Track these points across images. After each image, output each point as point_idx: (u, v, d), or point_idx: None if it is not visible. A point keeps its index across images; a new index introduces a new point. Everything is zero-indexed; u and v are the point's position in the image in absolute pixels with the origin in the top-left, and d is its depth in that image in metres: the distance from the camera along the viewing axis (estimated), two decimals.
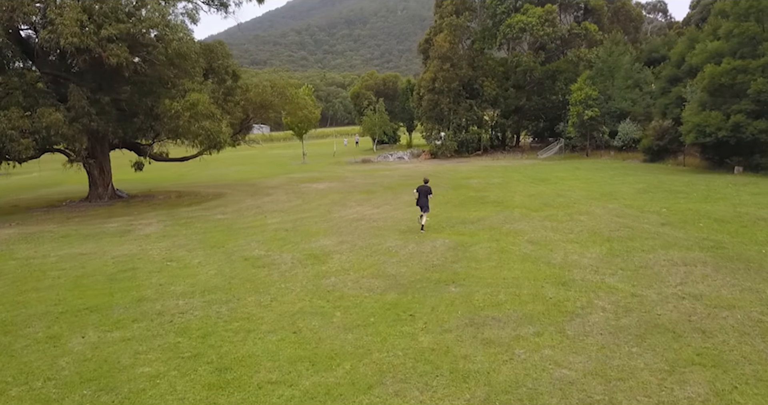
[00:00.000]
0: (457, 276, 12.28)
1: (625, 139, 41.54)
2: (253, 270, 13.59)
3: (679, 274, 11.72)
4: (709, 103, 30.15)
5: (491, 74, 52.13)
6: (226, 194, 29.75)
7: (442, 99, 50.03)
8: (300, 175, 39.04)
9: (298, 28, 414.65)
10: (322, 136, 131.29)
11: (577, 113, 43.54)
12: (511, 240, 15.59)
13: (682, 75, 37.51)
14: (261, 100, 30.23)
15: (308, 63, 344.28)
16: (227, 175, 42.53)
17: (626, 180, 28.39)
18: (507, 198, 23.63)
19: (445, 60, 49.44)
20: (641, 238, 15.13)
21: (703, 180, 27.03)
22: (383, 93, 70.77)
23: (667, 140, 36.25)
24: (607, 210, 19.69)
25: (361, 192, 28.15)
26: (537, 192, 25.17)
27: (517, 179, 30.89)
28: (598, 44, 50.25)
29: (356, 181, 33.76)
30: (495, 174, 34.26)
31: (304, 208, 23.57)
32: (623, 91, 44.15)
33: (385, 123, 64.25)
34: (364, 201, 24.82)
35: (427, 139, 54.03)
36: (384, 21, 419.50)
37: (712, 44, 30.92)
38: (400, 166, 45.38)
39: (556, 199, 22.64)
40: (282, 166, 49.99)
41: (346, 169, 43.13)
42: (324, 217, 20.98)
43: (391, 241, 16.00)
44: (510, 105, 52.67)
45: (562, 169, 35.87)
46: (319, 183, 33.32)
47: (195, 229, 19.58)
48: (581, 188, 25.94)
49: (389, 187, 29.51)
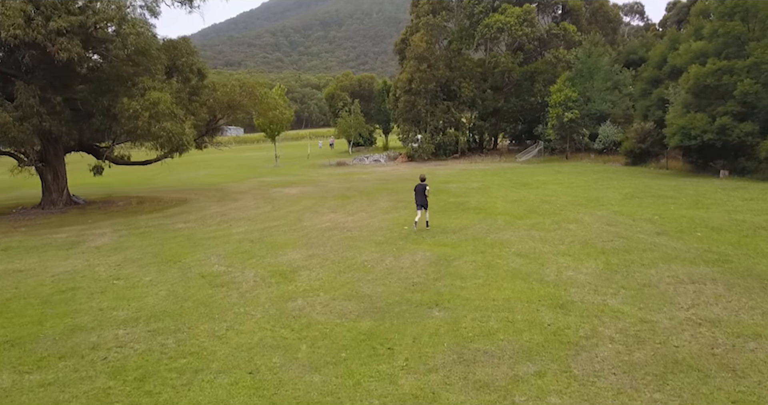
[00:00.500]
0: (441, 297, 10.87)
1: (605, 141, 40.70)
2: (209, 290, 12.00)
3: (689, 294, 10.46)
4: (693, 105, 29.32)
5: (469, 75, 51.03)
6: (191, 200, 27.98)
7: (419, 100, 48.74)
8: (271, 179, 37.36)
9: (273, 29, 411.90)
10: (296, 138, 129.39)
11: (557, 115, 42.62)
12: (497, 252, 14.24)
13: (664, 76, 36.79)
14: (229, 100, 28.51)
15: (283, 64, 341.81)
16: (195, 179, 40.64)
17: (611, 184, 27.35)
18: (489, 204, 22.34)
19: (421, 60, 48.16)
20: (638, 249, 13.90)
21: (690, 184, 26.10)
22: (359, 94, 69.28)
23: (649, 143, 35.44)
24: (596, 217, 18.49)
25: (335, 197, 26.64)
26: (520, 197, 23.93)
27: (497, 183, 29.67)
28: (577, 45, 49.49)
29: (330, 185, 32.23)
30: (474, 178, 33.03)
31: (273, 215, 21.96)
32: (603, 92, 43.37)
33: (361, 125, 62.76)
34: (338, 207, 23.31)
35: (403, 142, 52.71)
36: (359, 23, 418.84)
37: (696, 44, 30.11)
38: (376, 169, 43.95)
39: (540, 206, 21.41)
40: (253, 169, 48.19)
41: (320, 173, 41.56)
42: (294, 225, 19.42)
43: (367, 254, 14.53)
44: (488, 107, 51.64)
45: (543, 172, 34.79)
46: (291, 187, 31.72)
47: (152, 240, 17.87)
48: (565, 193, 24.78)
49: (365, 193, 28.05)
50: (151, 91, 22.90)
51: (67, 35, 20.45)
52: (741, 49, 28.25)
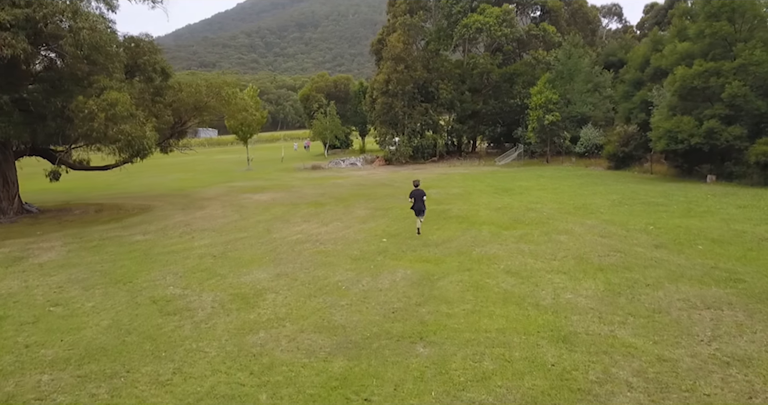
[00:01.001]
0: (426, 327, 9.47)
1: (587, 145, 39.80)
2: (159, 319, 10.43)
3: (706, 323, 9.22)
4: (679, 108, 28.43)
5: (447, 77, 49.88)
6: (154, 208, 26.20)
7: (396, 102, 47.41)
8: (242, 184, 35.65)
9: (248, 30, 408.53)
10: (271, 140, 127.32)
11: (537, 118, 41.64)
12: (485, 269, 12.90)
13: (646, 78, 35.99)
14: (195, 102, 26.77)
15: (259, 65, 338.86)
16: (162, 184, 38.71)
17: (596, 190, 26.28)
18: (472, 212, 21.05)
19: (398, 61, 46.84)
20: (639, 266, 12.68)
21: (678, 190, 25.14)
22: (335, 95, 67.70)
23: (632, 146, 34.57)
24: (586, 227, 17.28)
25: (309, 205, 25.12)
26: (503, 205, 22.68)
27: (479, 189, 28.43)
28: (557, 46, 48.68)
29: (304, 191, 30.68)
30: (454, 183, 31.76)
31: (240, 225, 20.36)
32: (584, 95, 42.50)
33: (337, 127, 61.20)
34: (312, 216, 21.80)
35: (380, 145, 51.33)
36: (335, 24, 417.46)
37: (681, 45, 29.26)
38: (352, 173, 42.47)
39: (526, 214, 20.16)
40: (224, 173, 46.35)
41: (293, 177, 39.95)
42: (262, 237, 17.86)
43: (341, 273, 13.06)
44: (466, 109, 50.54)
45: (524, 177, 33.67)
46: (262, 193, 30.09)
47: (104, 256, 16.16)
48: (551, 200, 23.60)
49: (341, 199, 26.57)
50: (108, 91, 21.14)
51: (11, 29, 18.63)
52: (728, 51, 27.44)
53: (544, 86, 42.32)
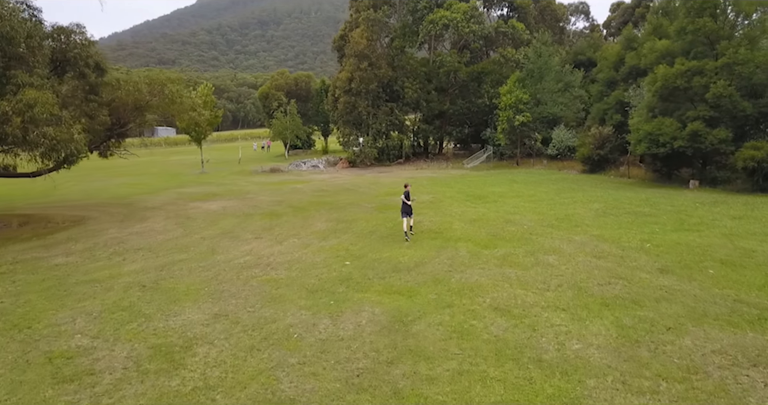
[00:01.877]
0: (401, 402, 7.19)
1: (559, 147, 38.18)
2: (49, 390, 7.90)
3: (758, 389, 7.20)
4: (660, 109, 26.88)
5: (413, 75, 47.77)
6: (89, 220, 23.29)
7: (360, 101, 45.05)
8: (193, 190, 32.80)
9: (209, 27, 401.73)
10: (231, 139, 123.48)
11: (507, 118, 39.83)
12: (468, 305, 10.71)
13: (621, 78, 34.48)
14: (135, 100, 23.91)
15: (219, 63, 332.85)
16: (105, 190, 35.51)
17: (576, 197, 24.45)
18: (445, 225, 18.89)
19: (362, 58, 44.48)
20: (649, 299, 10.68)
21: (663, 197, 23.48)
22: (295, 94, 64.87)
23: (608, 149, 33.01)
24: (576, 245, 15.28)
25: (263, 215, 22.59)
26: (479, 216, 20.59)
27: (450, 196, 26.33)
28: (525, 44, 47.06)
29: (259, 198, 28.09)
30: (423, 188, 29.60)
31: (182, 243, 17.74)
32: (554, 94, 40.87)
33: (298, 127, 58.46)
34: (265, 231, 19.31)
35: (344, 146, 48.88)
36: (298, 22, 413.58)
37: (661, 43, 27.71)
38: (314, 176, 39.96)
39: (505, 228, 18.09)
40: (176, 176, 43.25)
41: (250, 181, 37.22)
42: (205, 260, 15.32)
43: (294, 313, 10.69)
44: (433, 109, 48.54)
45: (496, 182, 31.74)
46: (213, 201, 27.38)
47: (8, 286, 13.39)
48: (529, 210, 21.63)
49: (299, 208, 24.12)
50: (26, 89, 18.25)
51: None
52: (710, 49, 25.98)
53: (514, 85, 40.58)
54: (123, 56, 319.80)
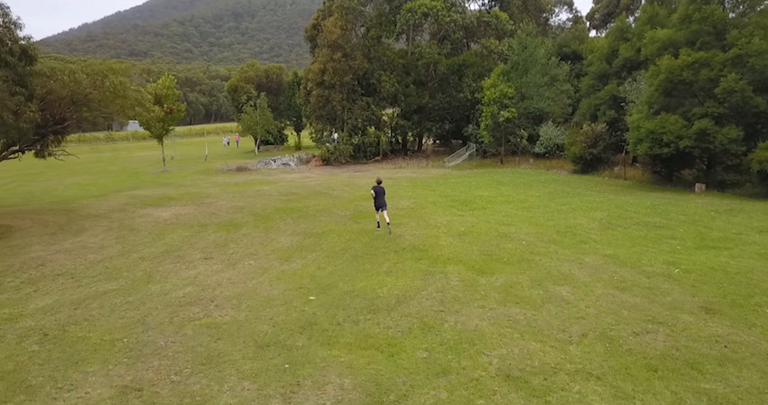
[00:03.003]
0: None
1: (547, 145, 35.67)
2: None
3: None
4: (661, 105, 24.41)
5: (390, 67, 44.87)
6: (16, 231, 20.02)
7: (334, 95, 42.02)
8: (148, 193, 29.58)
9: (182, 18, 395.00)
10: (201, 133, 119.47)
11: (491, 114, 37.22)
12: (470, 370, 8.00)
13: (614, 71, 32.06)
14: (72, 94, 20.66)
15: (193, 55, 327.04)
16: (51, 192, 32.06)
17: (573, 203, 21.93)
18: (430, 241, 16.16)
19: (336, 48, 41.44)
20: (709, 360, 8.10)
21: (670, 204, 21.07)
22: (266, 87, 61.43)
23: (601, 148, 30.57)
24: (589, 271, 12.67)
25: (220, 226, 19.61)
26: (468, 227, 17.90)
27: (432, 201, 23.60)
28: (509, 36, 44.48)
29: (219, 203, 25.04)
30: (402, 191, 26.85)
31: (114, 266, 14.70)
32: (541, 89, 38.38)
33: (268, 121, 55.15)
34: (218, 248, 16.35)
35: (317, 142, 45.80)
36: (273, 14, 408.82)
37: (663, 32, 25.28)
38: (283, 176, 36.90)
39: (501, 245, 15.43)
40: (135, 176, 39.82)
41: (212, 182, 34.04)
42: (136, 291, 12.34)
43: (233, 388, 7.81)
44: (411, 103, 45.72)
45: (481, 183, 29.10)
46: (166, 207, 24.27)
47: None
48: (524, 219, 19.01)
49: (263, 217, 21.16)
50: None
51: None
52: (718, 39, 23.57)
53: (498, 79, 37.98)
54: (92, 48, 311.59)
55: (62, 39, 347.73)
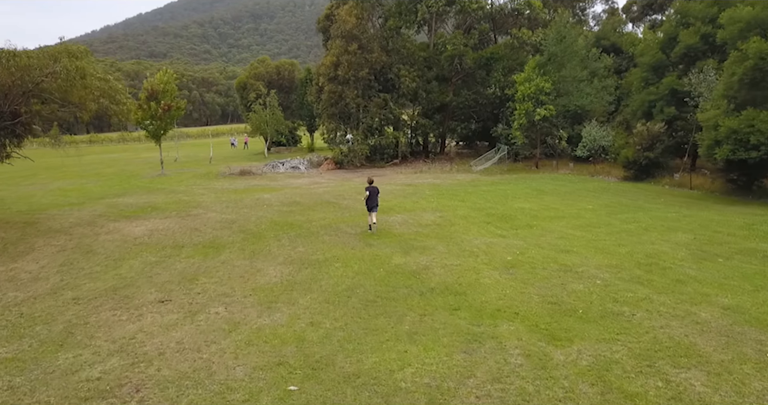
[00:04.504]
0: None
1: (591, 147, 31.11)
2: None
3: None
4: (746, 98, 19.84)
5: (410, 61, 40.60)
6: None
7: (348, 91, 37.86)
8: (131, 200, 25.67)
9: (201, 20, 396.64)
10: (216, 134, 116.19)
11: (526, 112, 32.79)
12: None
13: (673, 61, 27.47)
14: (19, 82, 16.71)
15: (211, 56, 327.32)
16: (28, 198, 28.25)
17: (640, 220, 17.53)
18: (467, 276, 11.92)
19: (350, 39, 37.32)
20: None
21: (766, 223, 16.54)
22: (277, 84, 57.44)
23: (659, 151, 26.02)
24: (719, 341, 8.40)
25: (198, 248, 15.53)
26: (516, 256, 13.60)
27: (463, 215, 19.30)
28: (543, 26, 40.01)
29: (208, 215, 20.98)
30: (425, 202, 22.60)
31: (29, 314, 10.62)
32: (581, 84, 33.88)
33: (279, 121, 51.10)
34: (182, 284, 12.22)
35: (329, 143, 41.63)
36: (291, 16, 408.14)
37: (745, 11, 20.74)
38: (290, 181, 32.81)
39: (568, 285, 11.12)
40: (128, 179, 36.01)
41: (209, 188, 30.06)
42: (32, 365, 8.22)
43: None
44: (433, 101, 41.36)
45: (519, 192, 24.73)
46: (144, 220, 20.27)
47: None
48: (586, 244, 14.67)
49: (254, 235, 17.04)
50: None
51: None
52: None
53: (533, 73, 33.56)
54: (113, 49, 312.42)
55: (83, 41, 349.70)
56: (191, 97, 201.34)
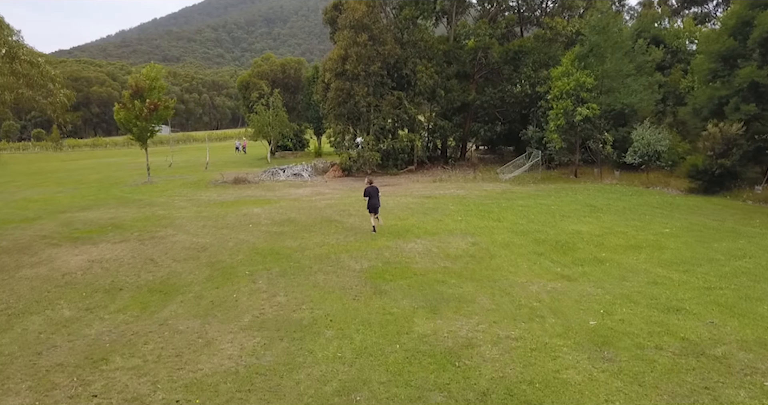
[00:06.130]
0: None
1: (643, 152, 26.23)
2: None
3: None
4: None
5: (427, 55, 35.95)
6: None
7: (358, 88, 33.27)
8: (96, 215, 21.29)
9: (215, 24, 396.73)
10: (222, 138, 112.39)
11: (564, 112, 28.02)
12: None
13: (750, 49, 22.61)
14: None
15: (224, 61, 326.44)
16: None
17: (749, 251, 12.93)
18: (537, 362, 7.32)
19: (360, 29, 32.77)
20: None
21: None
22: (282, 83, 52.99)
23: (736, 157, 21.16)
24: None
25: (137, 295, 11.02)
26: (602, 320, 8.95)
27: (503, 242, 14.62)
28: (579, 15, 35.31)
29: (177, 237, 16.50)
30: (451, 220, 17.94)
31: None
32: (627, 79, 29.08)
33: (283, 123, 46.59)
34: (83, 370, 7.68)
35: (336, 147, 37.02)
36: (305, 20, 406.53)
37: None
38: (289, 191, 28.27)
39: (723, 392, 6.37)
40: (108, 188, 31.65)
41: (193, 199, 25.60)
42: None
43: None
44: (453, 100, 36.59)
45: (566, 208, 19.99)
46: (94, 244, 15.84)
47: None
48: (697, 294, 10.01)
49: (222, 272, 12.49)
50: None
51: None
52: None
53: (572, 66, 28.82)
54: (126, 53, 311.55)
55: (98, 45, 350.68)
56: (201, 100, 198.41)
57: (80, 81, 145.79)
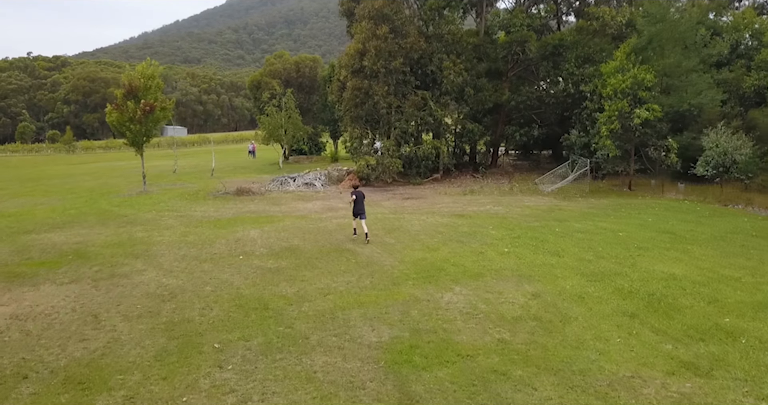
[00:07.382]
0: None
1: (718, 162, 21.96)
2: None
3: None
4: None
5: (455, 50, 31.97)
6: None
7: (377, 87, 29.39)
8: (60, 239, 17.70)
9: (236, 26, 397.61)
10: (239, 140, 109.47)
11: (619, 114, 23.90)
12: None
13: None
14: None
15: (245, 62, 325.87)
16: None
17: None
18: None
19: (380, 20, 28.97)
20: None
21: None
22: (296, 82, 49.28)
23: None
24: None
25: (50, 388, 7.24)
26: None
27: (576, 293, 10.64)
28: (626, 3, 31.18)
29: (144, 276, 12.81)
30: (494, 251, 13.98)
31: None
32: (692, 76, 24.88)
33: (296, 125, 42.89)
34: None
35: (352, 153, 33.18)
36: (325, 21, 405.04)
37: None
38: (297, 205, 24.53)
39: None
40: (96, 199, 28.10)
41: (185, 215, 21.94)
42: None
43: None
44: (484, 101, 32.51)
45: (636, 235, 15.91)
46: (29, 287, 12.20)
47: None
48: None
49: (182, 346, 8.72)
50: None
51: None
52: None
53: (627, 60, 24.68)
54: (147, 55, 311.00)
55: (120, 47, 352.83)
56: (220, 101, 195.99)
57: (97, 81, 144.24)
